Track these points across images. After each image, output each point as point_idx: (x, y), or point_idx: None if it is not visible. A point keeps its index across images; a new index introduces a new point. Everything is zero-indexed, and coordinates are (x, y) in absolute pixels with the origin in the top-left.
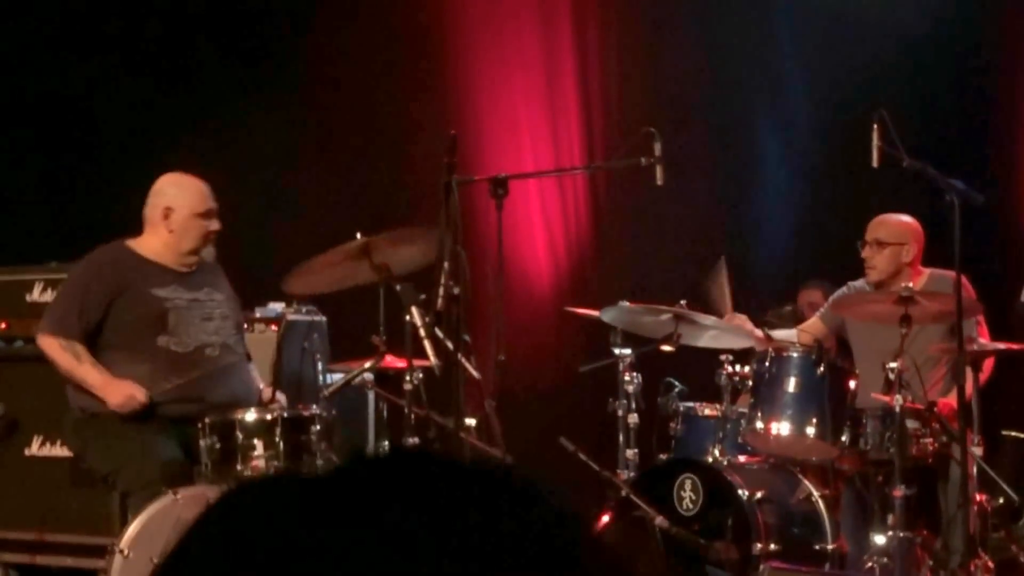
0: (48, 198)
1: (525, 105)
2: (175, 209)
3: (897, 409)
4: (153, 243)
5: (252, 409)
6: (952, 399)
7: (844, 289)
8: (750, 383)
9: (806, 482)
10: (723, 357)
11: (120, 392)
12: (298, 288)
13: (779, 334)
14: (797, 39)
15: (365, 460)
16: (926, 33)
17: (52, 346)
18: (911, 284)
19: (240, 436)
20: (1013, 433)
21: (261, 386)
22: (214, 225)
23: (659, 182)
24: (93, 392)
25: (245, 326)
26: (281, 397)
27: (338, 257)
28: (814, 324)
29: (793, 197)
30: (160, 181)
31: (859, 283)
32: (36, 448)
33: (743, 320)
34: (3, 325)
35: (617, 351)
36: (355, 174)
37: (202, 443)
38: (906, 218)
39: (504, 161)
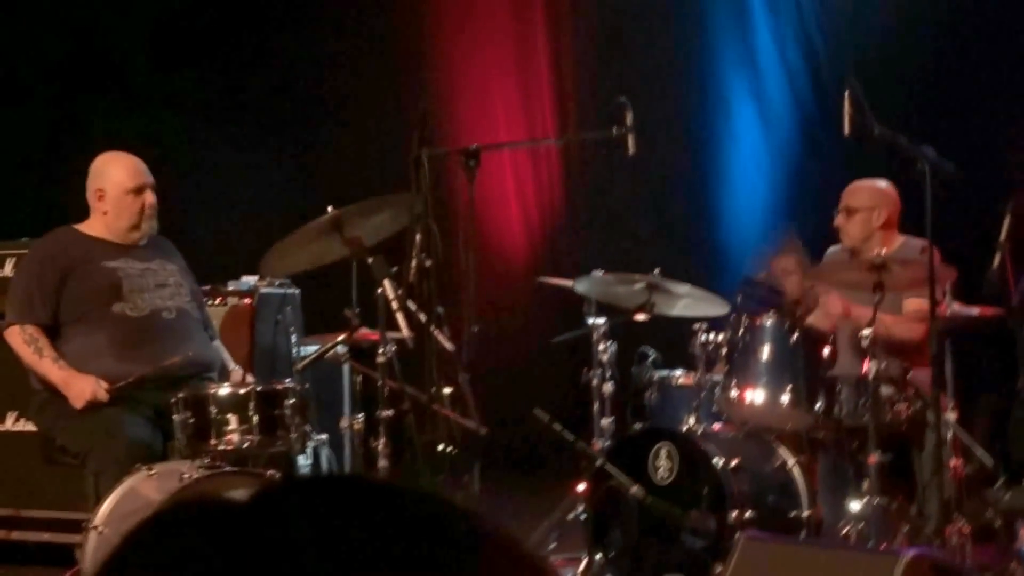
0: (20, 174)
1: (497, 76)
2: (106, 189)
3: (871, 376)
4: (96, 224)
5: (225, 384)
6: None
7: (827, 254)
8: (724, 351)
9: (781, 450)
10: (697, 326)
11: (81, 393)
12: (275, 270)
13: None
14: (771, 7)
15: (275, 491)
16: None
17: (16, 339)
18: (884, 250)
19: (214, 411)
20: (988, 396)
21: (231, 364)
22: (149, 199)
23: (631, 151)
24: (59, 386)
25: (207, 300)
26: (251, 378)
27: (311, 234)
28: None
29: (767, 166)
30: (93, 163)
31: (836, 247)
32: (10, 424)
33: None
34: None
35: (591, 321)
36: (326, 148)
37: (175, 418)
38: (880, 183)
39: (476, 133)
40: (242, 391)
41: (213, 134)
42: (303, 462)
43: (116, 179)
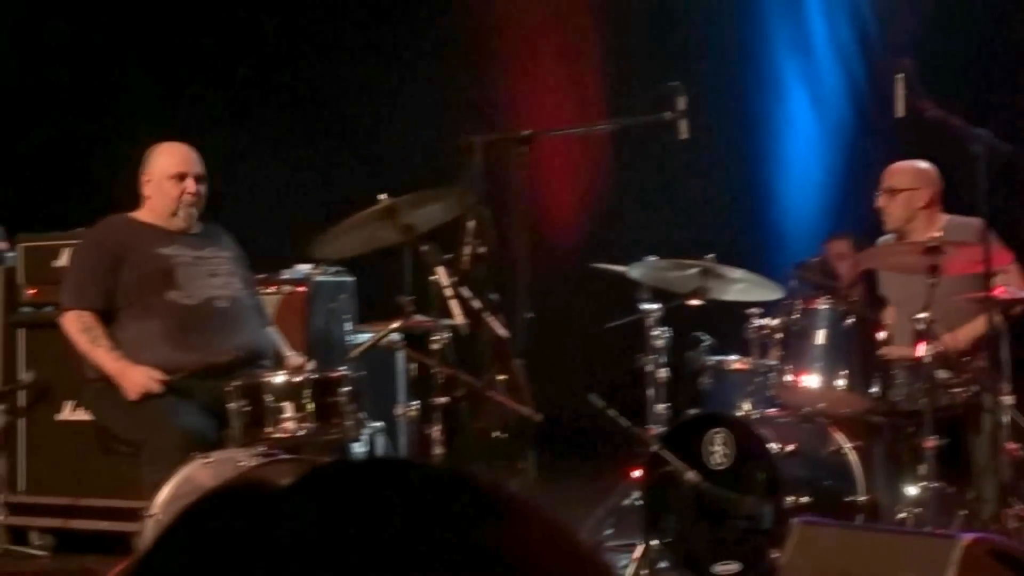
0: (74, 164)
1: (549, 62)
2: (152, 177)
3: (926, 360)
4: (146, 211)
5: (280, 372)
6: (954, 335)
7: (878, 242)
8: (779, 336)
9: (836, 435)
10: (751, 310)
11: (135, 384)
12: (325, 253)
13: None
14: None
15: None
16: None
17: (71, 325)
18: (935, 233)
19: (269, 398)
20: None
21: (287, 351)
22: (190, 187)
23: (683, 136)
24: (111, 375)
25: (261, 289)
26: (311, 364)
27: (363, 220)
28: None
29: (821, 149)
30: (146, 153)
31: (887, 237)
32: (68, 413)
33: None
34: (33, 291)
35: (645, 306)
36: (379, 135)
37: (231, 406)
38: (920, 163)
39: (528, 119)
40: (297, 379)
41: (267, 123)
42: (358, 449)
43: (160, 165)
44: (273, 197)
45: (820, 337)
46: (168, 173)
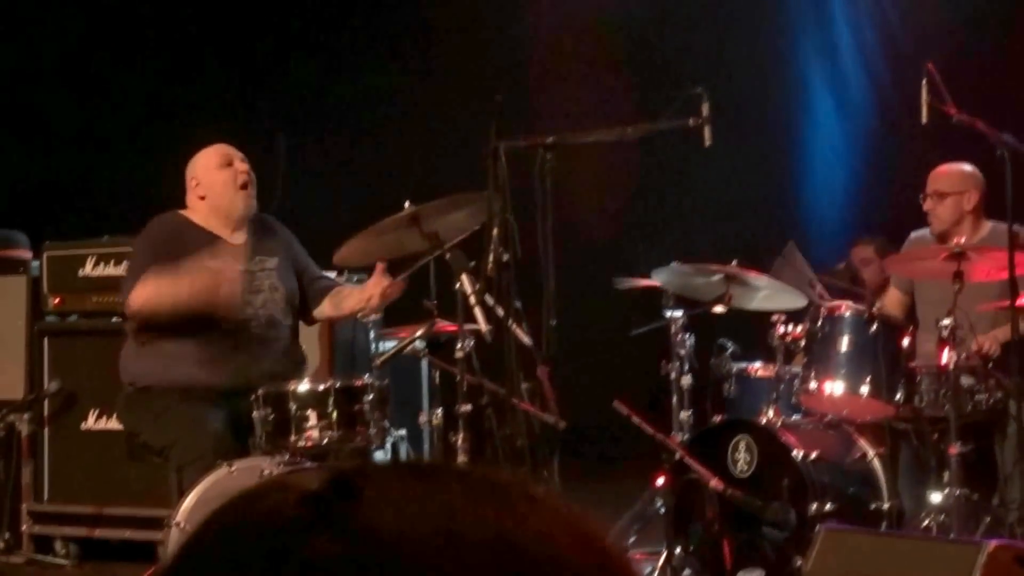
0: (101, 173)
1: (574, 68)
2: (198, 175)
3: (951, 366)
4: (202, 212)
5: (305, 380)
6: (989, 337)
7: (909, 239)
8: (803, 343)
9: (861, 441)
10: (775, 317)
11: (218, 284)
12: (349, 260)
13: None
14: None
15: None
16: None
17: (141, 294)
18: (963, 239)
19: (293, 407)
20: None
21: (354, 290)
22: (241, 167)
23: (707, 143)
24: (190, 297)
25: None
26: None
27: (387, 227)
28: (892, 296)
29: (845, 154)
30: (188, 165)
31: (921, 232)
32: (92, 422)
33: None
34: (57, 300)
35: (669, 313)
36: (403, 140)
37: (255, 414)
38: (966, 166)
39: (553, 125)
40: (321, 387)
41: (291, 130)
42: (382, 457)
43: (203, 162)
44: (297, 204)
45: (844, 344)
46: (214, 164)
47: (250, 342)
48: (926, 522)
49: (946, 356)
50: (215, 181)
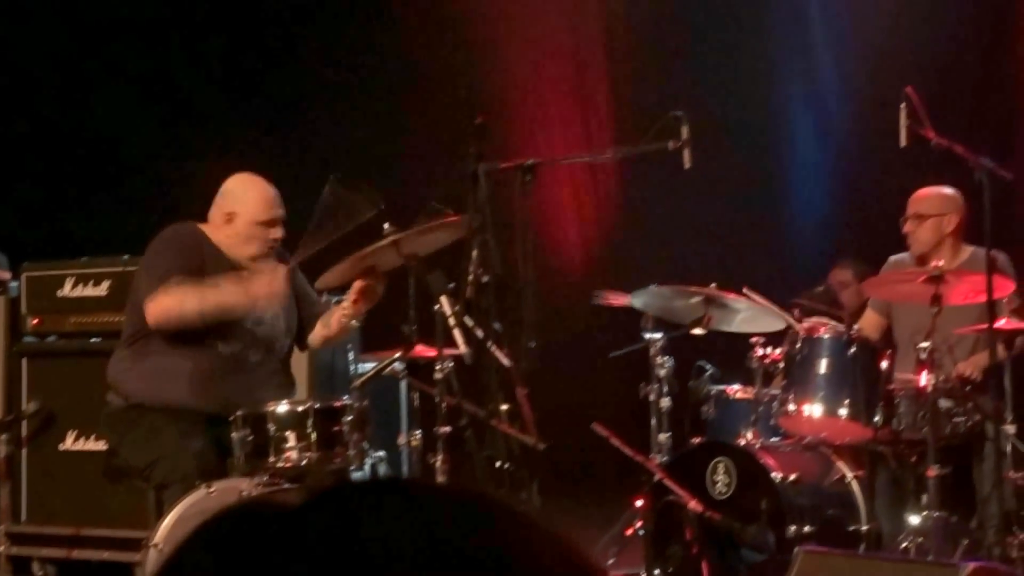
0: (77, 195)
1: (554, 90)
2: (238, 215)
3: (929, 389)
4: (219, 236)
5: (284, 401)
6: (969, 363)
7: (888, 262)
8: (782, 365)
9: (840, 464)
10: (754, 340)
11: (263, 287)
12: (332, 283)
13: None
14: (828, 18)
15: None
16: (955, 11)
17: (165, 300)
18: (943, 262)
19: (272, 428)
20: None
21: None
22: (276, 233)
23: (686, 165)
24: (237, 304)
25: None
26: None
27: (368, 252)
28: (869, 318)
29: (825, 177)
30: (229, 181)
31: (900, 256)
32: (71, 443)
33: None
34: (36, 321)
35: (648, 335)
36: (384, 162)
37: (235, 435)
38: (946, 189)
39: (533, 147)
40: (300, 408)
41: (272, 151)
42: (361, 478)
43: (250, 208)
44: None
45: (823, 366)
46: (259, 219)
47: (245, 368)
48: (904, 544)
49: (925, 379)
50: (254, 235)
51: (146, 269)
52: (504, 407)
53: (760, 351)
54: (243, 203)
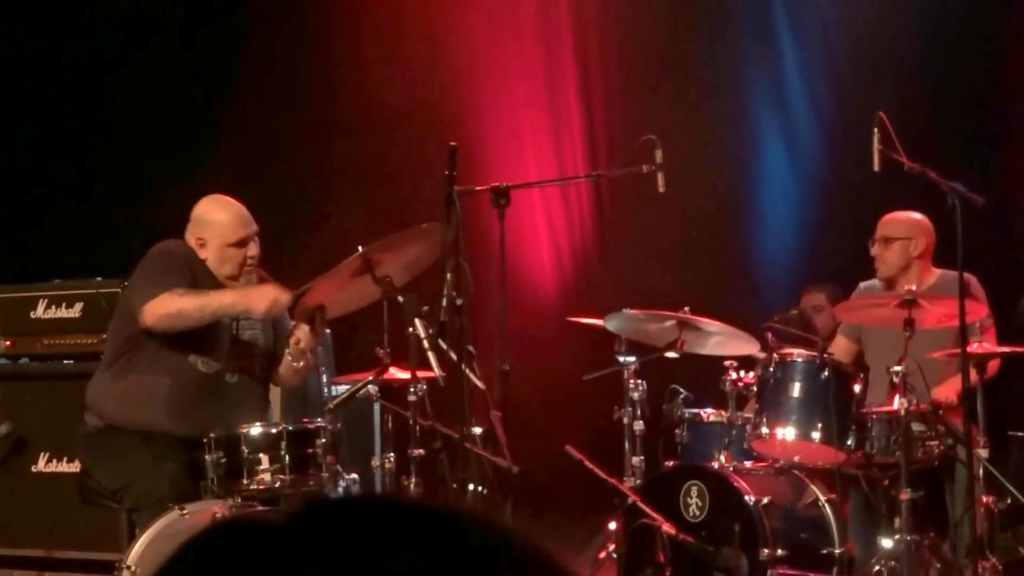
0: (50, 216)
1: (527, 114)
2: (208, 240)
3: (902, 412)
4: (202, 255)
5: (257, 424)
6: (946, 389)
7: (858, 288)
8: (755, 389)
9: (813, 487)
10: (728, 363)
11: (263, 299)
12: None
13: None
14: (798, 43)
15: (317, 509)
16: (928, 34)
17: (164, 306)
18: (914, 286)
19: (245, 451)
20: (1020, 434)
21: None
22: (251, 251)
23: (660, 189)
24: (234, 310)
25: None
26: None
27: (343, 276)
28: (840, 343)
29: (797, 201)
30: (197, 207)
31: (871, 282)
32: (43, 465)
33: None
34: (8, 343)
35: (621, 359)
36: (357, 187)
37: (208, 458)
38: (914, 214)
39: (507, 171)
40: (274, 430)
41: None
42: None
43: (217, 232)
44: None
45: (796, 390)
46: (228, 241)
47: (222, 393)
48: (877, 568)
49: (897, 403)
50: (224, 258)
51: (142, 278)
52: (478, 430)
53: (733, 374)
54: (211, 227)
